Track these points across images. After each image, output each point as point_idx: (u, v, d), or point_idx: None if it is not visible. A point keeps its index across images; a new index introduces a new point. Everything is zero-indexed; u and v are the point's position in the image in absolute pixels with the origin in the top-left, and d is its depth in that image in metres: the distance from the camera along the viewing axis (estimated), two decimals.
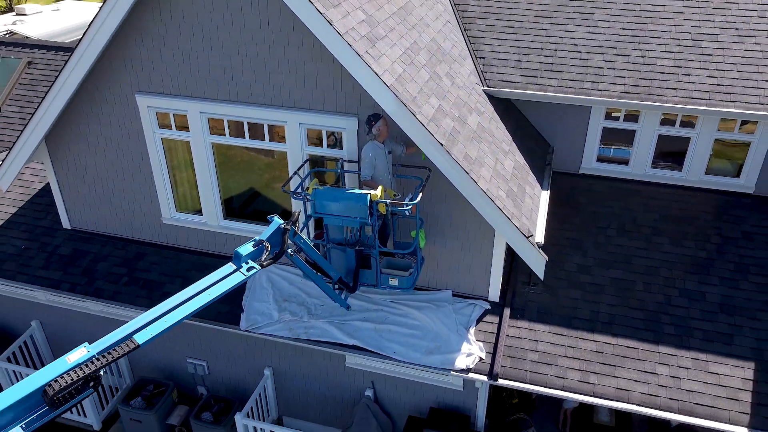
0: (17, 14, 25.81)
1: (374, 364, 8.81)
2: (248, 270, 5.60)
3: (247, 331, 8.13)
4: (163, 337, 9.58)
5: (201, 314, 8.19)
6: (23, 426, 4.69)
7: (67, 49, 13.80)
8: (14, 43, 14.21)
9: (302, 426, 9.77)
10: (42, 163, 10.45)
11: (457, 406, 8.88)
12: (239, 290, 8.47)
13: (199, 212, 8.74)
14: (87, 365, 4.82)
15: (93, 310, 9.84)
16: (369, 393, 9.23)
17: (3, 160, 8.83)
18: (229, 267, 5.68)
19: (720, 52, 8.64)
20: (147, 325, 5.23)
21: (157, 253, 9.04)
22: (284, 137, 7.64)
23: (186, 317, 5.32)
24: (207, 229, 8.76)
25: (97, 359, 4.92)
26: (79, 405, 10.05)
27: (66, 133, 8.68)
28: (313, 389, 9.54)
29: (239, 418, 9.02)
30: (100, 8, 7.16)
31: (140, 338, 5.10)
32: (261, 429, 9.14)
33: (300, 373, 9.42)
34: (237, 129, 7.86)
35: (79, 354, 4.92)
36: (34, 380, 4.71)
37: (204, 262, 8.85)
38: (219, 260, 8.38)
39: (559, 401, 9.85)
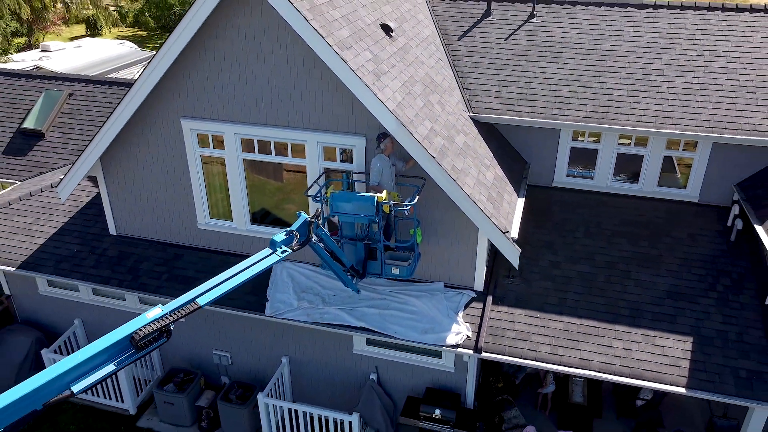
0: (42, 50, 27.65)
1: (378, 350, 10.32)
2: (282, 252, 7.15)
3: (271, 316, 9.64)
4: (192, 331, 11.11)
5: (233, 303, 9.76)
6: (115, 363, 6.19)
7: (104, 83, 15.55)
8: (56, 77, 15.97)
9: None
10: (89, 180, 12.05)
11: (450, 386, 10.35)
12: (264, 284, 10.00)
13: (230, 218, 10.33)
14: (161, 320, 6.35)
15: (130, 307, 11.37)
16: (373, 377, 10.69)
17: (64, 175, 10.44)
18: (267, 251, 7.23)
19: (665, 84, 10.38)
20: (205, 292, 6.77)
21: (192, 254, 10.58)
22: (305, 153, 9.28)
23: (236, 286, 6.86)
24: (236, 232, 10.32)
25: (169, 316, 6.44)
26: (116, 391, 11.48)
27: (118, 152, 10.31)
28: (324, 375, 10.99)
29: (261, 397, 10.46)
30: (157, 51, 8.86)
31: (201, 300, 6.62)
32: (279, 406, 10.58)
33: (313, 360, 10.88)
34: (265, 147, 9.50)
35: (155, 312, 6.44)
36: (123, 330, 6.22)
37: (233, 261, 10.36)
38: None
39: (539, 387, 11.32)
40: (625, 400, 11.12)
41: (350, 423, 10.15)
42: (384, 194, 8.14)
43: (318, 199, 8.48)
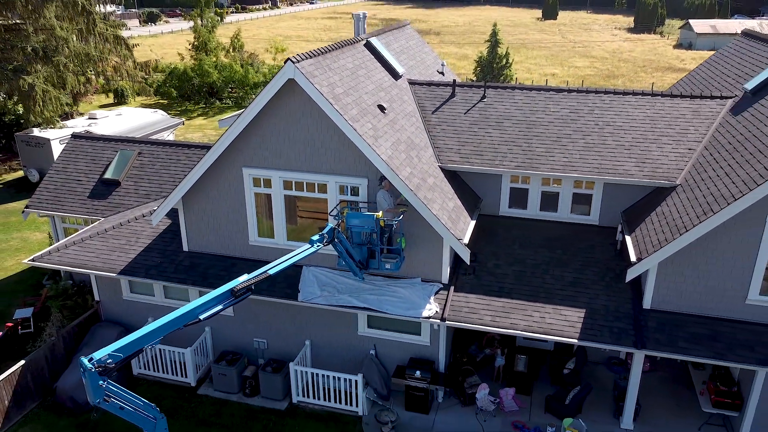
0: (90, 118, 32.65)
1: (376, 332, 14.61)
2: (316, 246, 11.67)
3: (302, 302, 13.97)
4: (238, 324, 15.32)
5: (276, 294, 14.07)
6: (222, 305, 10.58)
7: (164, 144, 20.31)
8: (129, 139, 20.75)
9: None
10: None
11: (427, 356, 14.62)
12: (296, 282, 14.33)
13: (272, 236, 14.79)
14: (246, 282, 10.77)
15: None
16: (372, 352, 14.94)
17: (157, 207, 14.96)
18: (307, 245, 11.75)
19: (571, 144, 15.17)
20: (271, 268, 11.22)
21: (244, 263, 14.95)
22: (326, 190, 13.86)
23: (289, 265, 11.35)
24: (276, 246, 14.75)
25: (251, 280, 10.87)
26: (181, 368, 15.59)
27: (195, 191, 14.85)
28: (336, 351, 15.20)
29: (292, 366, 14.68)
30: (227, 131, 13.55)
31: (271, 271, 11.09)
32: (304, 372, 14.77)
33: (328, 341, 15.13)
34: (297, 186, 14.09)
35: (243, 278, 10.88)
36: (227, 286, 10.67)
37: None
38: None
39: (493, 361, 15.55)
40: (556, 370, 15.37)
41: (356, 381, 14.35)
42: (380, 213, 12.69)
43: (336, 217, 13.02)
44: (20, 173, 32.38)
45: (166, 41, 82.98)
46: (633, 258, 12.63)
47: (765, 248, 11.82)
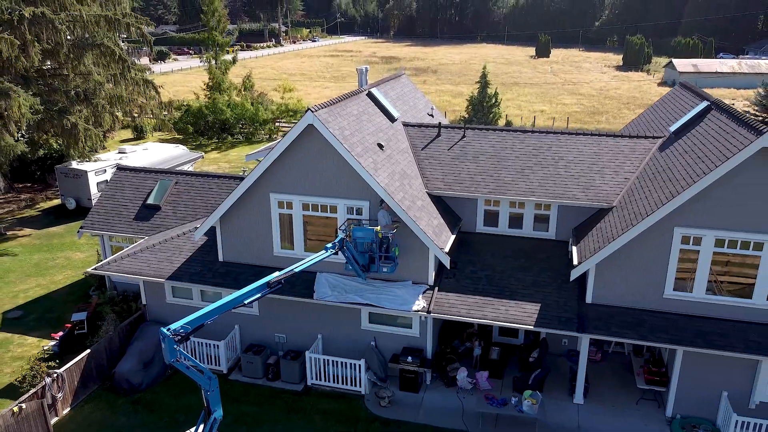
0: (120, 152, 36.45)
1: (376, 326, 18.08)
2: (330, 251, 15.27)
3: (317, 300, 17.47)
4: (262, 321, 18.86)
5: (296, 294, 17.59)
6: (260, 294, 14.16)
7: (197, 174, 24.04)
8: (166, 171, 24.51)
9: None
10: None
11: (416, 345, 18.07)
12: (312, 283, 17.84)
13: (292, 248, 18.36)
14: (278, 277, 14.36)
15: None
16: (372, 343, 18.39)
17: (200, 225, 18.58)
18: (323, 251, 15.36)
19: (532, 174, 18.88)
20: (296, 267, 14.80)
21: (270, 270, 18.40)
22: (336, 210, 17.50)
23: (310, 265, 14.94)
24: (295, 256, 18.29)
25: (281, 276, 14.45)
26: (215, 359, 19.01)
27: (230, 212, 18.47)
28: (343, 344, 18.63)
29: (308, 354, 18.13)
30: (259, 164, 17.25)
31: (297, 269, 14.69)
32: (317, 358, 18.19)
33: (336, 335, 18.60)
34: (313, 207, 17.72)
35: (276, 274, 14.47)
36: (263, 280, 14.26)
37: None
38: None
39: (472, 352, 18.98)
40: (524, 359, 18.77)
41: (359, 365, 17.77)
42: (379, 228, 16.31)
43: (344, 231, 16.64)
44: (56, 201, 36.10)
45: (176, 79, 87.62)
46: (575, 262, 16.21)
47: (675, 253, 15.40)
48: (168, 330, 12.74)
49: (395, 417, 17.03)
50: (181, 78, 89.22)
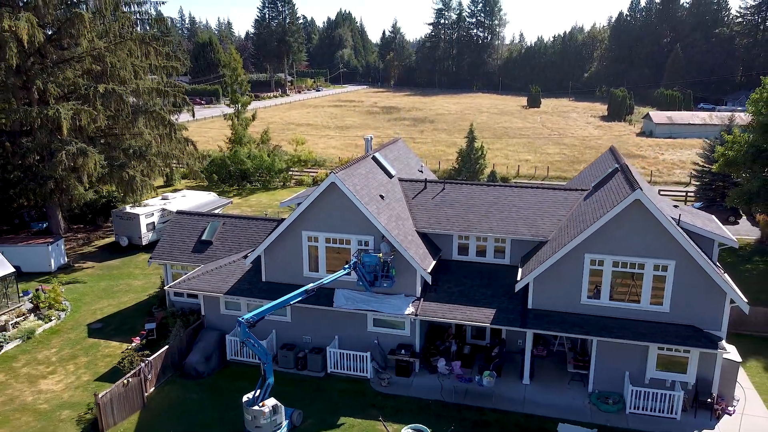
0: (163, 198, 43.46)
1: (378, 329, 24.77)
2: (347, 270, 22.11)
3: (335, 308, 24.14)
4: (294, 328, 25.73)
5: (321, 303, 24.41)
6: (301, 299, 21.00)
7: (240, 217, 31.02)
8: (215, 214, 31.49)
9: None
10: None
11: (408, 342, 24.70)
12: (332, 297, 24.54)
13: (317, 270, 25.12)
14: (314, 286, 21.20)
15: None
16: (376, 341, 25.04)
17: (250, 252, 25.43)
18: (342, 270, 22.20)
19: (494, 217, 25.79)
20: (324, 281, 21.63)
21: (300, 286, 25.15)
22: (350, 243, 24.35)
23: (331, 281, 21.78)
24: (319, 276, 25.01)
25: (315, 285, 21.28)
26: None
27: (273, 244, 25.30)
28: (354, 342, 25.22)
29: (329, 348, 24.74)
30: (295, 210, 24.21)
31: (325, 282, 21.57)
32: (334, 351, 24.77)
33: (349, 335, 25.23)
34: (333, 241, 24.58)
35: (311, 285, 21.32)
36: (303, 288, 21.11)
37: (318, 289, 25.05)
38: (324, 287, 24.59)
39: (450, 348, 25.58)
40: (487, 354, 25.30)
41: (366, 357, 24.34)
42: (381, 255, 23.15)
43: (356, 257, 23.45)
44: (109, 239, 42.96)
45: (193, 130, 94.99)
46: (519, 278, 22.99)
47: (587, 272, 22.15)
48: (242, 319, 19.44)
49: (392, 393, 23.50)
50: (196, 128, 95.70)
